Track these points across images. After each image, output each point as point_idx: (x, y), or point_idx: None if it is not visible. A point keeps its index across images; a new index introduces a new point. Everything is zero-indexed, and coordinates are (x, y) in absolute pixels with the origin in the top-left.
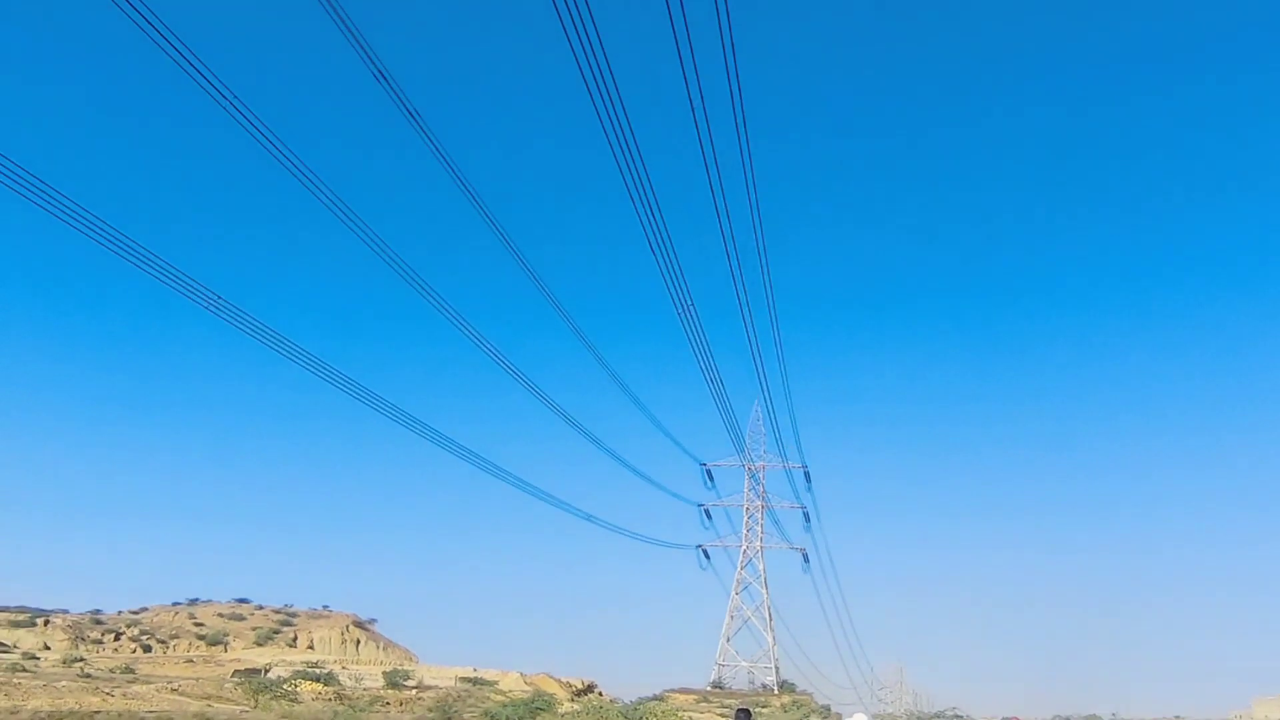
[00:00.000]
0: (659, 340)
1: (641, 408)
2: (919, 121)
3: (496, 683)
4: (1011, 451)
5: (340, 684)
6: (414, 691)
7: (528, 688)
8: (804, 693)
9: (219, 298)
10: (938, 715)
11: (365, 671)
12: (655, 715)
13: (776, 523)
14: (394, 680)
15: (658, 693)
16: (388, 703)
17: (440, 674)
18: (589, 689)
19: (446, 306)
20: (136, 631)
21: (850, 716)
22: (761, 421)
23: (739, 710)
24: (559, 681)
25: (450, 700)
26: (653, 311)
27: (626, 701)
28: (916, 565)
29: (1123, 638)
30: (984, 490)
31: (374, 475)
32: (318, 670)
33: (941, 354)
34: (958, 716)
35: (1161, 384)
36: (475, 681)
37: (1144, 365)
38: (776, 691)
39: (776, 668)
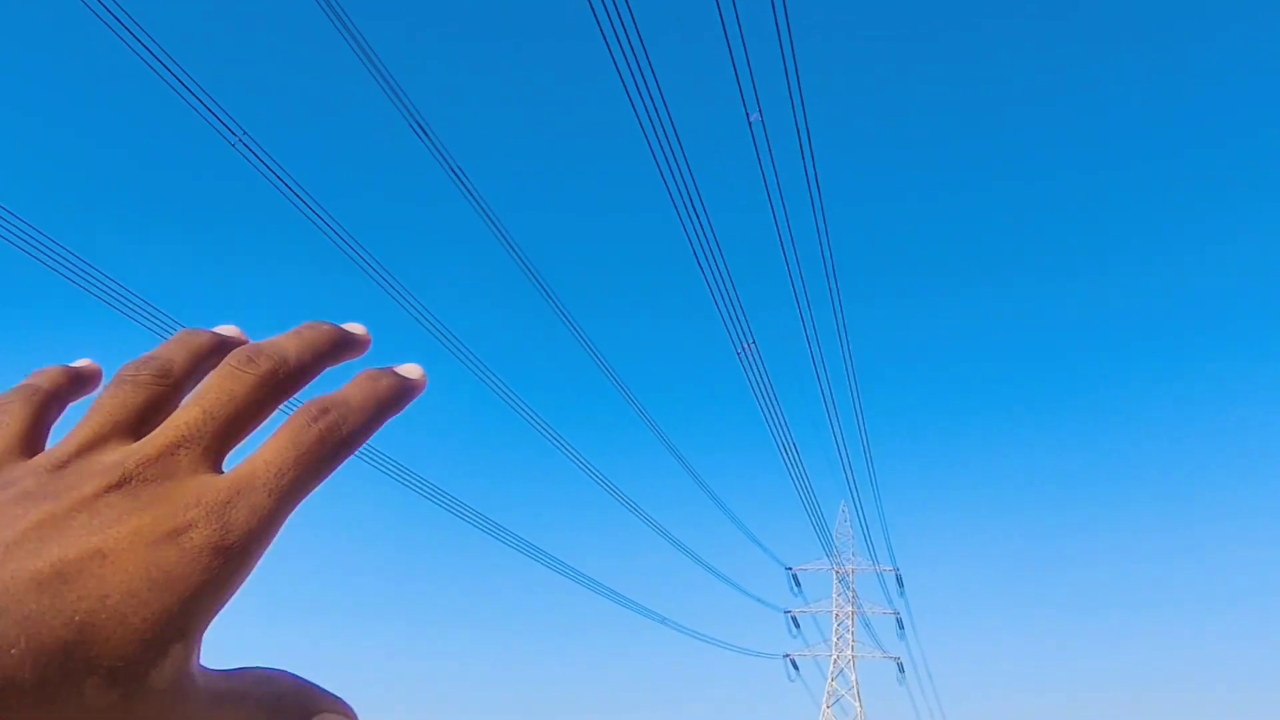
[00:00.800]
0: (740, 440)
1: (724, 508)
2: (1016, 169)
3: None
4: (1135, 534)
5: None
6: None
7: None
8: None
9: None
10: None
11: None
12: None
13: (869, 628)
14: None
15: None
16: None
17: None
18: None
19: (497, 380)
20: None
21: None
22: (849, 522)
23: None
24: None
25: None
26: (733, 408)
27: None
28: (1022, 670)
29: None
30: (1096, 580)
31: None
32: None
33: (1048, 431)
34: None
35: None
36: None
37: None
38: None
39: None
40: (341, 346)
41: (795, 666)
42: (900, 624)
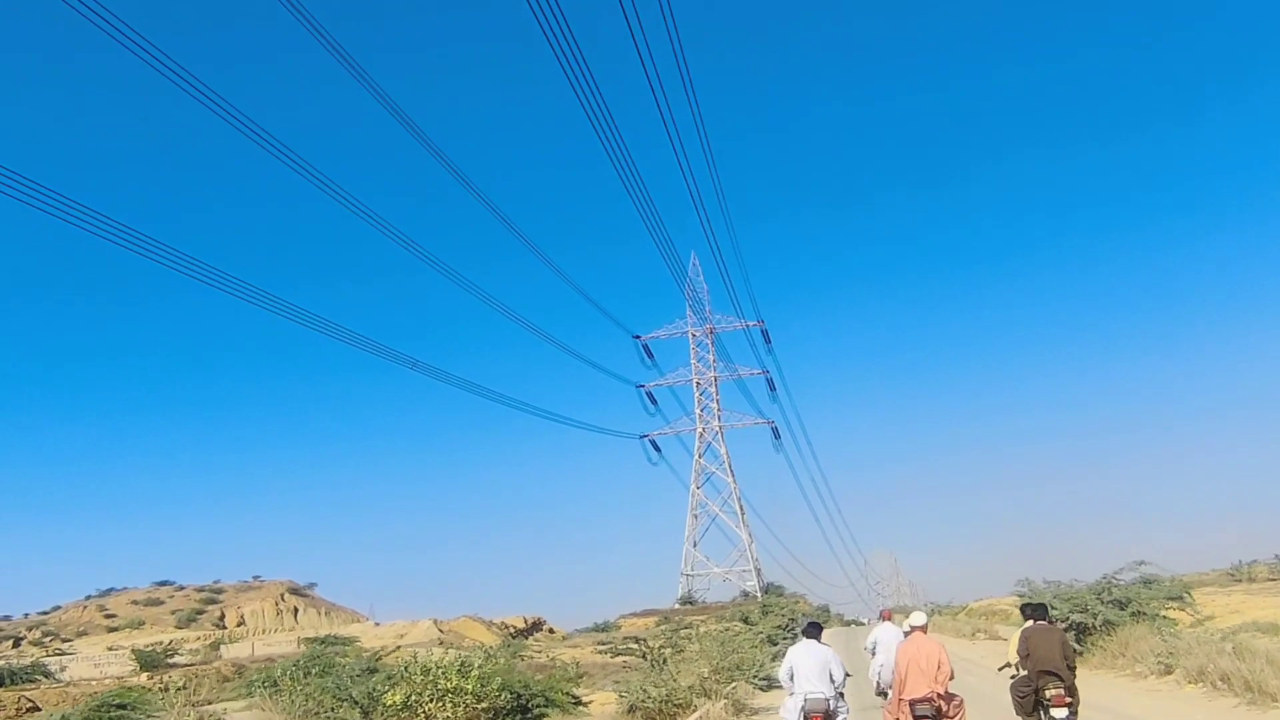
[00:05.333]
0: (581, 207)
1: (557, 270)
2: None
3: (357, 639)
4: (987, 307)
5: (56, 681)
6: (138, 675)
7: (445, 636)
8: (794, 595)
9: None
10: (1109, 578)
11: (114, 656)
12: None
13: (745, 392)
14: (151, 660)
15: (611, 619)
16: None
17: (278, 640)
18: (535, 627)
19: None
20: (39, 634)
21: (909, 617)
22: (702, 276)
23: (809, 625)
24: (489, 623)
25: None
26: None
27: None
28: (884, 440)
29: (1148, 493)
30: (955, 353)
31: (288, 429)
32: (18, 663)
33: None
34: (1143, 562)
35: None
36: (326, 641)
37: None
38: (760, 598)
39: (757, 569)
40: None
41: (656, 447)
42: (770, 385)
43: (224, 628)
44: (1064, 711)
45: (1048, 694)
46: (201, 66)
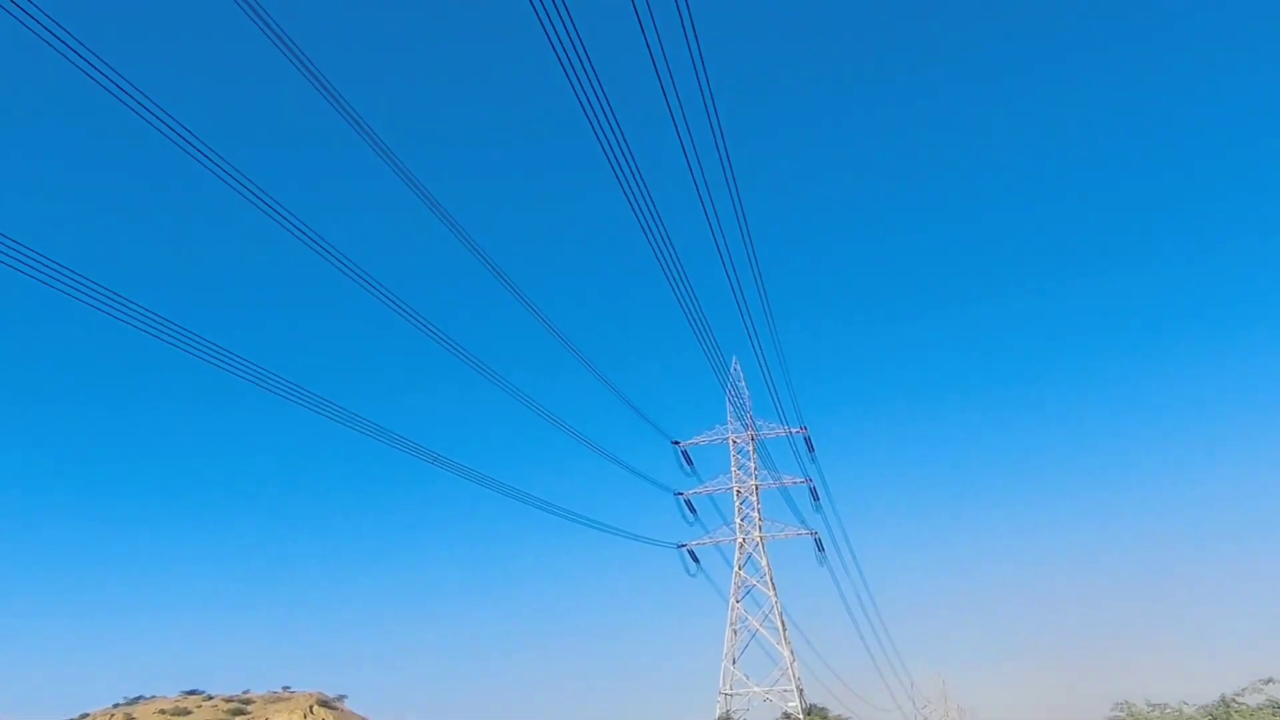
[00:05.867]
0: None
1: (596, 372)
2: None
3: None
4: (1025, 441)
5: None
6: None
7: None
8: (838, 718)
9: None
10: (1230, 701)
11: None
12: None
13: (787, 501)
14: None
15: None
16: None
17: None
18: None
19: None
20: None
21: None
22: (744, 381)
23: None
24: None
25: None
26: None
27: None
28: (932, 556)
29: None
30: (994, 481)
31: (325, 544)
32: None
33: (946, 343)
34: (1270, 680)
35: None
36: None
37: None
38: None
39: (799, 689)
40: None
41: (695, 558)
42: (814, 494)
43: None
44: None
45: None
46: (286, 192)
